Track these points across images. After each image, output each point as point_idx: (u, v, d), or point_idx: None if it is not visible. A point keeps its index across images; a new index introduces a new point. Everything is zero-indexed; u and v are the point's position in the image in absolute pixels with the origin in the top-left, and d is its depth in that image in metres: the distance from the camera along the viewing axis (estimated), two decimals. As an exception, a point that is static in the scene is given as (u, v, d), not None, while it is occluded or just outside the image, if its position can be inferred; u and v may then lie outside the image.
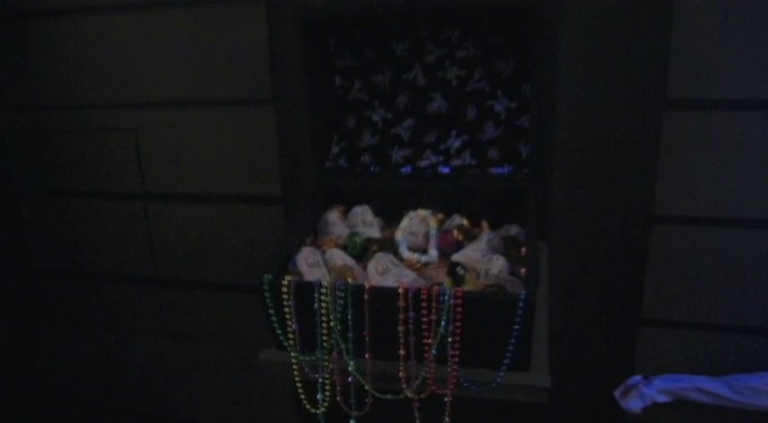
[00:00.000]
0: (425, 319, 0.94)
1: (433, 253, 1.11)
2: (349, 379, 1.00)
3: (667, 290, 1.40)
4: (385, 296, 0.95)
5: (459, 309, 0.92)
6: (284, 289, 0.98)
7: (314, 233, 1.21)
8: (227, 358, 1.74)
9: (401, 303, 0.94)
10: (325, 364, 1.01)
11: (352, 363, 0.99)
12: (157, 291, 1.76)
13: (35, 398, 1.91)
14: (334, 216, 1.23)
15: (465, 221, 1.19)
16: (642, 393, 1.44)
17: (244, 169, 1.57)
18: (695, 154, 1.27)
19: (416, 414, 1.00)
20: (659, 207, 1.32)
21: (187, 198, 1.65)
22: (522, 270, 1.04)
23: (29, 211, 1.80)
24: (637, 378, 1.46)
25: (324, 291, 0.97)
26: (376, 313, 0.96)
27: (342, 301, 0.96)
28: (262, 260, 1.10)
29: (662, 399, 1.43)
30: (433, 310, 0.93)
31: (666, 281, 1.39)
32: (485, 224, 1.19)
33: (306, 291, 0.98)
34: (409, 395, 0.98)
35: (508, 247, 1.11)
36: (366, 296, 0.95)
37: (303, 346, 1.01)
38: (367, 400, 1.00)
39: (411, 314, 0.94)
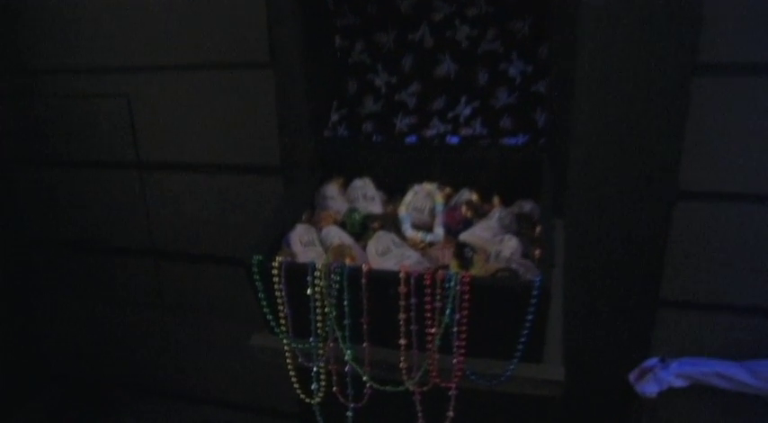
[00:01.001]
0: (429, 307, 0.84)
1: (439, 231, 0.99)
2: (346, 368, 0.90)
3: (688, 269, 1.28)
4: (384, 280, 0.85)
5: (467, 296, 0.81)
6: (275, 271, 0.88)
7: (311, 208, 1.10)
8: (226, 333, 1.66)
9: (402, 289, 0.83)
10: (320, 352, 0.91)
11: (348, 351, 0.89)
12: (155, 263, 1.67)
13: (32, 371, 1.85)
14: (332, 189, 1.11)
15: (474, 197, 1.07)
16: (658, 377, 1.34)
17: (241, 137, 1.46)
18: (726, 124, 1.14)
19: (418, 407, 0.90)
20: (684, 182, 1.20)
21: (183, 167, 1.55)
22: (537, 252, 0.92)
23: (19, 180, 1.71)
24: (653, 361, 1.36)
25: (318, 274, 0.86)
26: (374, 299, 0.86)
27: (337, 285, 0.86)
28: (252, 239, 1.00)
29: (679, 383, 1.33)
30: (438, 297, 0.83)
31: (688, 260, 1.28)
32: (496, 200, 1.07)
33: (298, 273, 0.87)
34: (410, 387, 0.88)
35: (521, 226, 1.00)
36: (364, 280, 0.85)
37: (296, 332, 0.92)
38: (365, 390, 0.91)
39: (413, 301, 0.84)
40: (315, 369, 0.92)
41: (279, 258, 0.88)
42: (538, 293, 0.79)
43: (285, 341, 0.92)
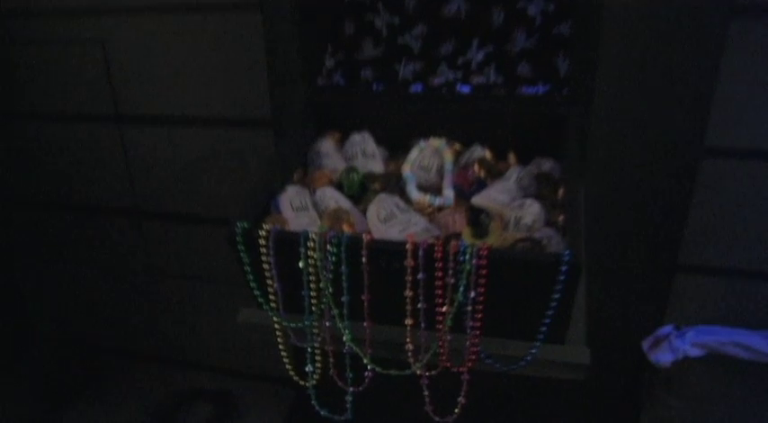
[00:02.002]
0: (439, 283, 0.71)
1: (449, 193, 0.86)
2: (344, 350, 0.79)
3: (711, 232, 1.17)
4: (388, 252, 0.72)
5: (484, 271, 0.69)
6: (262, 241, 0.75)
7: (303, 167, 0.96)
8: (216, 297, 1.55)
9: (409, 262, 0.71)
10: (315, 331, 0.79)
11: (347, 331, 0.77)
12: (139, 224, 1.54)
13: (20, 336, 1.75)
14: (327, 145, 0.97)
15: (488, 154, 0.94)
16: (673, 346, 1.24)
17: (228, 87, 1.31)
18: (762, 73, 1.00)
19: (425, 392, 0.79)
20: (712, 137, 1.07)
21: (166, 121, 1.40)
22: (561, 217, 0.79)
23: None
24: (668, 328, 1.26)
25: (311, 244, 0.73)
26: (377, 274, 0.73)
27: (334, 258, 0.73)
28: (238, 201, 0.87)
29: (695, 352, 1.23)
30: (450, 272, 0.70)
31: (711, 222, 1.16)
32: (512, 157, 0.94)
33: (289, 243, 0.74)
34: (417, 371, 0.77)
35: (541, 188, 0.86)
36: (364, 252, 0.72)
37: (288, 308, 0.80)
38: (366, 374, 0.79)
39: (421, 276, 0.71)
40: (309, 350, 0.81)
41: (267, 226, 0.75)
42: (567, 269, 0.67)
43: (275, 319, 0.80)
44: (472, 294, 0.70)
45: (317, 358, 0.81)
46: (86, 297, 1.69)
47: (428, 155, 0.93)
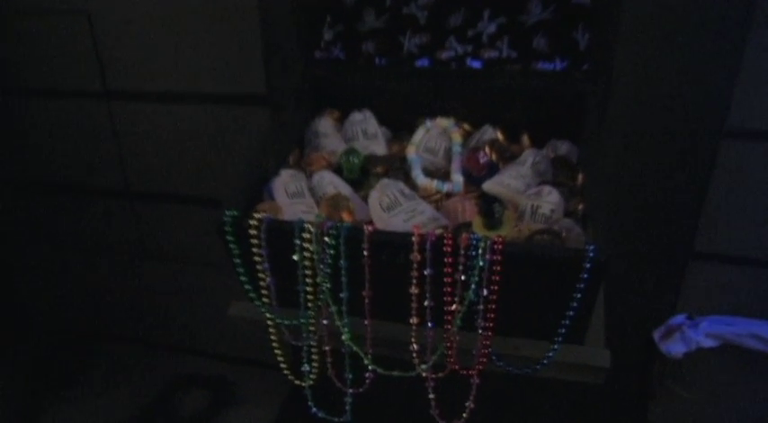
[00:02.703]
0: (449, 279, 0.64)
1: (458, 178, 0.78)
2: (343, 349, 0.72)
3: (729, 218, 1.09)
4: (392, 245, 0.64)
5: (498, 267, 0.61)
6: (252, 231, 0.67)
7: (299, 148, 0.88)
8: (210, 281, 1.48)
9: (415, 257, 0.63)
10: (311, 329, 0.72)
11: (346, 329, 0.70)
12: (131, 206, 1.46)
13: (11, 320, 1.68)
14: (325, 125, 0.89)
15: (499, 135, 0.85)
16: (686, 336, 1.17)
17: (222, 61, 1.21)
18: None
19: (431, 395, 0.72)
20: (735, 118, 0.98)
21: (156, 98, 1.31)
22: (579, 206, 0.72)
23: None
24: (680, 318, 1.19)
25: (307, 235, 0.66)
26: (379, 268, 0.66)
27: (332, 251, 0.65)
28: (229, 185, 0.80)
29: (708, 343, 1.16)
30: (460, 267, 0.63)
31: (729, 207, 1.08)
32: (525, 139, 0.85)
33: (282, 234, 0.67)
34: (422, 373, 0.70)
35: (558, 173, 0.78)
36: (365, 244, 0.64)
37: (282, 303, 0.72)
38: (367, 375, 0.72)
39: (428, 272, 0.64)
40: (305, 348, 0.73)
41: (258, 215, 0.67)
42: (591, 266, 0.59)
43: (268, 316, 0.72)
44: (485, 292, 0.63)
45: (314, 357, 0.74)
46: (78, 281, 1.62)
47: (435, 136, 0.84)
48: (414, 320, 0.67)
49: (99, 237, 1.54)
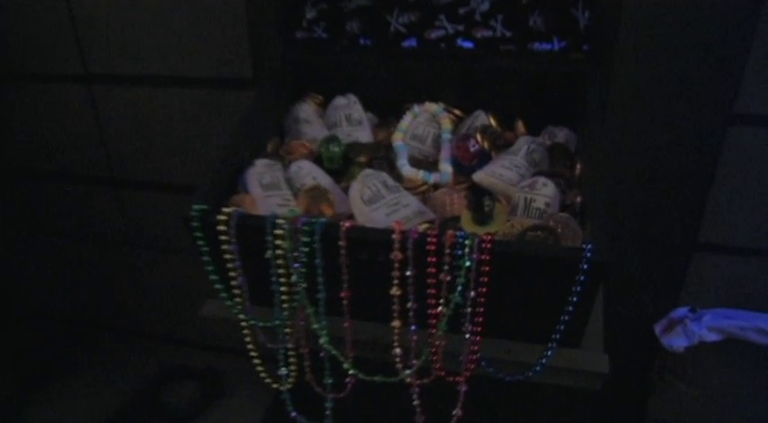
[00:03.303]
0: (432, 280, 0.58)
1: (446, 168, 0.72)
2: (321, 353, 0.66)
3: (735, 207, 1.03)
4: (371, 243, 0.59)
5: (486, 268, 0.55)
6: (221, 226, 0.61)
7: (278, 136, 0.82)
8: (201, 270, 1.42)
9: (396, 255, 0.57)
10: (286, 332, 0.66)
11: (324, 332, 0.64)
12: (115, 194, 1.41)
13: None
14: (307, 110, 0.83)
15: (492, 121, 0.79)
16: (688, 330, 1.11)
17: (207, 42, 1.15)
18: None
19: (416, 401, 0.67)
20: (743, 102, 0.92)
21: (139, 81, 1.24)
22: (577, 199, 0.65)
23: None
24: (683, 311, 1.13)
25: (279, 232, 0.60)
26: (358, 268, 0.60)
27: (306, 249, 0.60)
28: (197, 181, 0.74)
29: (712, 337, 1.11)
30: (446, 267, 0.57)
31: (736, 196, 1.02)
32: (520, 125, 0.79)
33: (254, 229, 0.61)
34: (406, 379, 0.64)
35: (554, 162, 0.72)
36: (342, 242, 0.58)
37: (256, 303, 0.67)
38: (347, 379, 0.67)
39: (411, 272, 0.58)
40: (281, 351, 0.68)
41: (227, 209, 0.62)
42: (588, 267, 0.53)
43: (241, 317, 0.67)
44: (472, 294, 0.57)
45: (292, 360, 0.69)
46: (64, 269, 1.57)
47: (423, 122, 0.78)
48: (396, 323, 0.61)
49: (84, 224, 1.49)
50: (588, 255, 0.53)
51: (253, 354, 0.70)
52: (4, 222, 1.55)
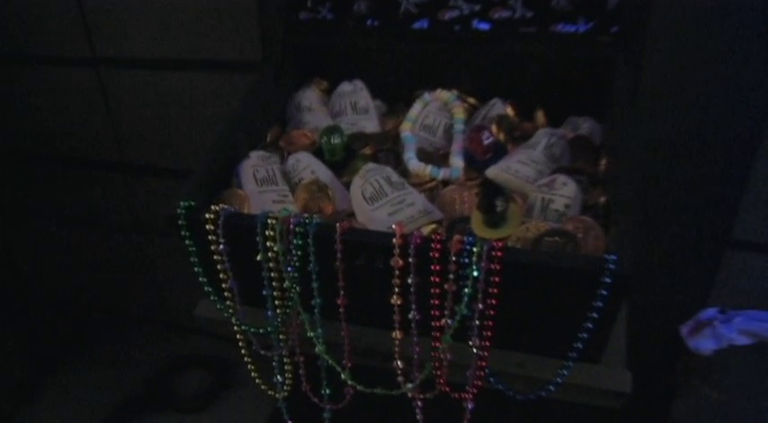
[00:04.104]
0: (436, 291, 0.52)
1: (457, 162, 0.65)
2: (318, 362, 0.61)
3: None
4: (369, 247, 0.53)
5: (496, 278, 0.49)
6: (209, 226, 0.56)
7: (280, 125, 0.76)
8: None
9: (396, 262, 0.51)
10: (281, 339, 0.61)
11: (320, 341, 0.59)
12: (124, 179, 1.37)
13: (12, 295, 1.62)
14: (310, 97, 0.77)
15: (510, 111, 0.72)
16: (717, 332, 1.04)
17: (217, 24, 1.09)
18: None
19: (419, 415, 0.61)
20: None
21: (148, 64, 1.20)
22: (601, 199, 0.59)
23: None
24: (711, 312, 1.06)
25: (270, 233, 0.54)
26: (355, 274, 0.54)
27: (299, 252, 0.54)
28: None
29: (742, 341, 1.03)
30: (451, 276, 0.51)
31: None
32: (540, 115, 0.72)
33: (243, 230, 0.55)
34: (408, 393, 0.59)
35: (577, 157, 0.65)
36: (338, 246, 0.53)
37: (248, 304, 0.61)
38: (346, 390, 0.62)
39: (413, 279, 0.52)
40: (276, 359, 0.63)
41: (216, 206, 0.56)
42: (611, 281, 0.47)
43: (234, 321, 0.62)
44: (480, 306, 0.51)
45: (287, 368, 0.64)
46: (76, 255, 1.55)
47: (434, 111, 0.71)
48: (397, 335, 0.56)
49: (94, 210, 1.46)
50: (611, 267, 0.47)
51: (247, 359, 0.65)
52: (16, 208, 1.53)
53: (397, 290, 0.53)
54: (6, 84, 1.33)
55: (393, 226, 0.51)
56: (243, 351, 0.64)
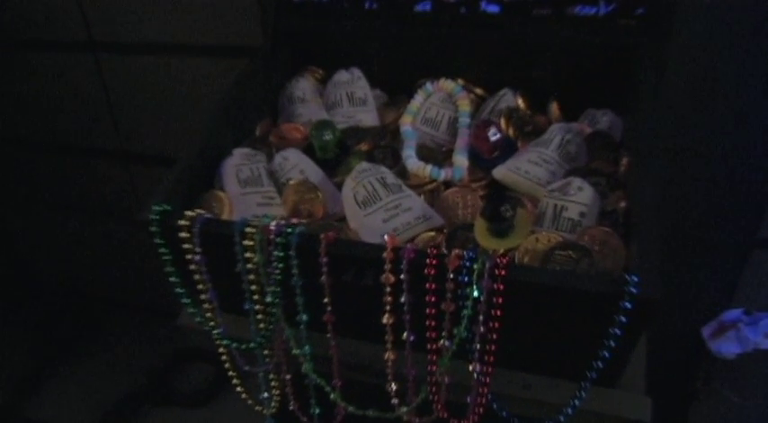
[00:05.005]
0: (432, 311, 0.46)
1: (461, 161, 0.59)
2: (305, 381, 0.55)
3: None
4: (357, 261, 0.47)
5: (499, 299, 0.43)
6: (183, 233, 0.50)
7: (270, 117, 0.70)
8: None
9: (387, 278, 0.45)
10: (265, 355, 0.55)
11: (307, 358, 0.53)
12: (126, 168, 1.32)
13: (15, 284, 1.59)
14: (304, 87, 0.70)
15: (521, 102, 0.65)
16: (742, 335, 0.97)
17: (218, 8, 1.02)
18: None
19: (416, 439, 0.56)
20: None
21: (148, 49, 1.14)
22: (621, 204, 0.52)
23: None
24: (736, 313, 0.99)
25: (248, 243, 0.48)
26: (342, 290, 0.48)
27: (280, 264, 0.48)
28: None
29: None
30: (448, 295, 0.45)
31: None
32: (555, 108, 0.64)
33: (221, 238, 0.50)
34: (404, 417, 0.53)
35: (595, 155, 0.58)
36: (323, 258, 0.47)
37: (230, 312, 0.56)
38: (337, 410, 0.56)
39: (406, 298, 0.46)
40: (261, 375, 0.58)
41: (191, 212, 0.50)
42: (632, 306, 0.40)
43: (215, 334, 0.56)
44: (481, 329, 0.45)
45: (274, 384, 0.58)
46: (77, 245, 1.51)
47: (437, 103, 0.65)
48: (390, 356, 0.50)
49: (97, 198, 1.42)
50: (632, 290, 0.40)
51: (231, 373, 0.60)
52: (20, 197, 1.49)
53: (388, 308, 0.47)
54: (1, 69, 1.28)
55: (384, 237, 0.45)
56: (227, 365, 0.59)
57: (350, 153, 0.62)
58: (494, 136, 0.59)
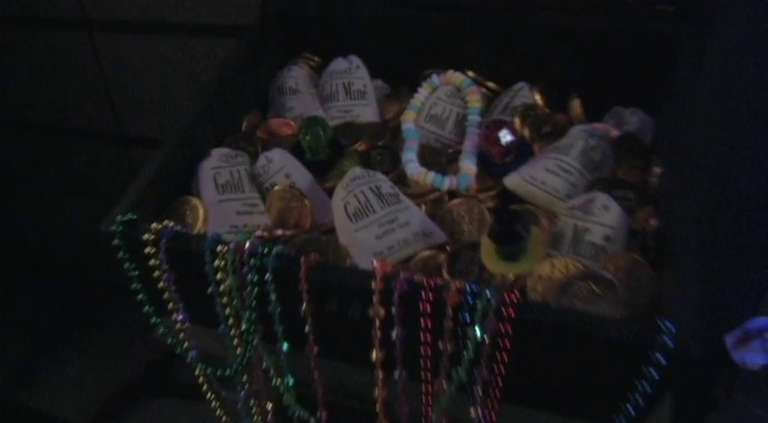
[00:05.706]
0: (427, 351, 0.39)
1: (468, 167, 0.51)
2: (288, 412, 0.49)
3: None
4: (342, 291, 0.40)
5: (506, 342, 0.36)
6: (148, 248, 0.44)
7: (259, 111, 0.62)
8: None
9: (376, 311, 0.38)
10: (244, 383, 0.49)
11: (290, 388, 0.47)
12: (126, 152, 1.27)
13: (16, 269, 1.55)
14: (296, 76, 0.62)
15: (538, 98, 0.57)
16: (768, 346, 0.89)
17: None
18: None
19: (410, 479, 0.49)
20: None
21: (141, 28, 1.07)
22: (652, 221, 0.44)
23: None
24: (763, 321, 0.91)
25: (220, 263, 0.42)
26: (326, 320, 0.41)
27: (255, 289, 0.41)
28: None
29: (799, 357, 0.88)
30: (447, 333, 0.38)
31: None
32: (577, 105, 0.56)
33: (189, 256, 0.43)
34: (396, 456, 0.47)
35: (622, 162, 0.50)
36: (303, 284, 0.40)
37: (205, 340, 0.50)
38: (322, 443, 0.50)
39: (398, 333, 0.39)
40: (240, 403, 0.52)
41: (157, 224, 0.44)
42: (665, 359, 0.33)
43: (189, 359, 0.50)
44: (484, 373, 0.38)
45: (254, 410, 0.53)
46: (77, 230, 1.47)
47: (443, 98, 0.57)
48: (380, 393, 0.43)
49: (95, 184, 1.37)
50: (666, 340, 0.33)
51: (210, 396, 0.54)
52: (19, 180, 1.45)
53: (377, 341, 0.40)
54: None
55: (374, 262, 0.38)
56: (204, 387, 0.53)
57: (343, 154, 0.55)
58: (506, 137, 0.51)
